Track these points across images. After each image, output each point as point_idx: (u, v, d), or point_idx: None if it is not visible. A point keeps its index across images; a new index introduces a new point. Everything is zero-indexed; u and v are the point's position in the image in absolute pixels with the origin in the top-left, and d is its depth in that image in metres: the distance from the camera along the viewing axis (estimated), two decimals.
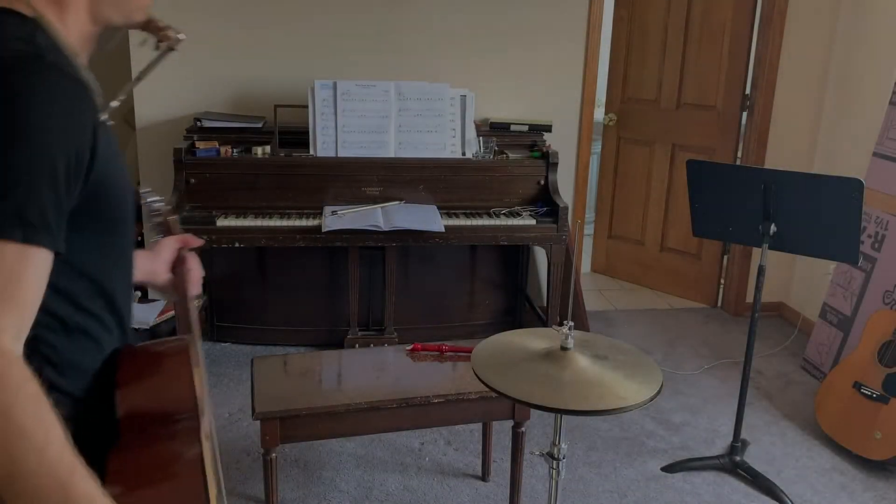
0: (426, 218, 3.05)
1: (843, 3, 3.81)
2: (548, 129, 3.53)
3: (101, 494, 0.86)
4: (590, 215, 5.07)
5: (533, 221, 3.18)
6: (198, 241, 1.37)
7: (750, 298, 4.17)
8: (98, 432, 0.98)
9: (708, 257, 4.30)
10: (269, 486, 2.14)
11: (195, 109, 3.45)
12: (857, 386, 2.80)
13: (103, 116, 1.00)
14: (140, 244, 3.49)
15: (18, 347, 0.85)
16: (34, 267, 0.87)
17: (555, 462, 1.67)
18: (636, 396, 1.43)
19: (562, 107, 3.79)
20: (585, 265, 4.88)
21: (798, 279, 4.14)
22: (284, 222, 3.04)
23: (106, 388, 1.02)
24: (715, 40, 4.06)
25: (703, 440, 2.92)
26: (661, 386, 1.49)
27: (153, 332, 3.07)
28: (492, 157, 3.33)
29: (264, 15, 3.45)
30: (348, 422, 1.97)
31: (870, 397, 2.75)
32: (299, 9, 3.45)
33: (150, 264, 1.31)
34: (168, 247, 1.34)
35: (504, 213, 3.21)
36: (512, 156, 3.38)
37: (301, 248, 3.23)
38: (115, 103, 1.12)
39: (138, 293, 3.29)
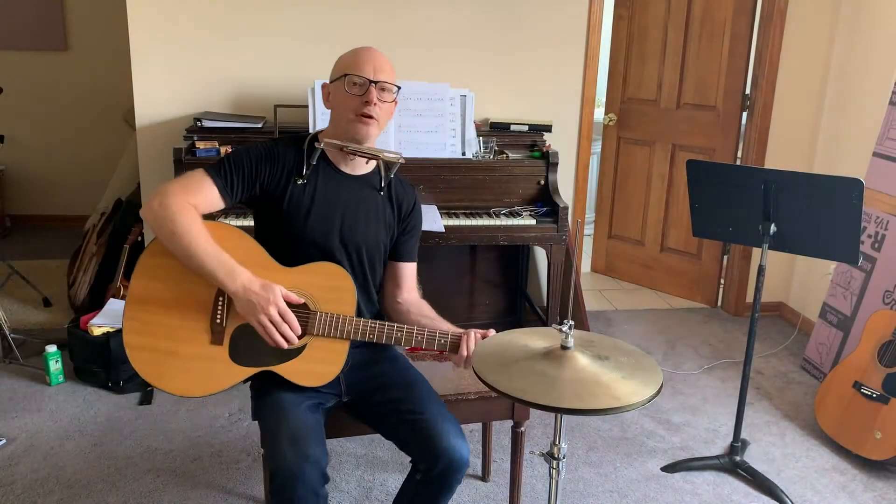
0: (426, 218, 3.04)
1: (843, 3, 3.81)
2: (548, 129, 3.53)
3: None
4: (590, 215, 5.07)
5: (533, 221, 3.18)
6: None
7: (750, 298, 4.17)
8: None
9: (708, 257, 4.30)
10: (269, 487, 2.14)
11: (195, 109, 3.45)
12: (857, 386, 2.80)
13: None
14: (140, 245, 3.50)
15: (185, 202, 1.75)
16: (206, 186, 1.80)
17: (555, 462, 1.67)
18: (636, 396, 1.43)
19: (562, 107, 3.79)
20: (585, 265, 4.88)
21: (798, 279, 4.14)
22: None
23: None
24: (715, 40, 4.06)
25: (703, 440, 2.92)
26: (661, 386, 1.49)
27: None
28: (492, 157, 3.33)
29: (264, 14, 3.45)
30: (348, 422, 1.97)
31: (870, 397, 2.75)
32: (299, 8, 3.45)
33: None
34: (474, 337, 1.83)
35: (504, 213, 3.21)
36: (512, 156, 3.38)
37: None
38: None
39: None
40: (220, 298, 1.79)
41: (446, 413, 1.88)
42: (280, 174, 1.86)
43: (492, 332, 1.83)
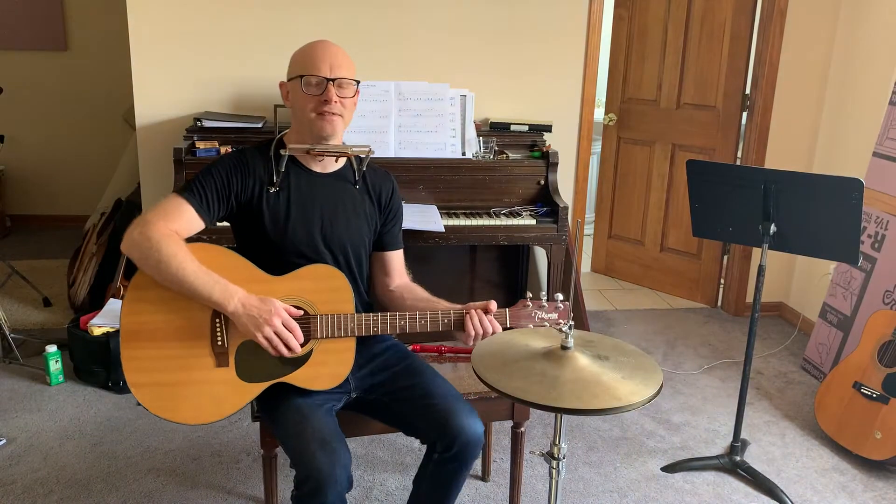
0: (426, 218, 3.05)
1: (843, 3, 3.81)
2: (548, 129, 3.53)
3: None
4: (590, 215, 5.07)
5: (533, 221, 3.18)
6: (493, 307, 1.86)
7: (750, 298, 4.17)
8: None
9: (708, 257, 4.30)
10: (269, 486, 2.14)
11: (195, 109, 3.45)
12: (857, 386, 2.80)
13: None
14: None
15: (167, 229, 1.71)
16: (183, 209, 1.77)
17: (555, 462, 1.67)
18: (636, 396, 1.43)
19: (562, 107, 3.79)
20: (585, 265, 4.88)
21: (798, 279, 4.14)
22: None
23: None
24: (715, 40, 4.06)
25: (703, 440, 2.92)
26: (661, 386, 1.49)
27: None
28: (492, 157, 3.33)
29: (264, 14, 3.45)
30: (348, 422, 1.97)
31: (870, 397, 2.75)
32: (299, 8, 3.45)
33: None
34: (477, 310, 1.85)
35: (504, 213, 3.21)
36: (512, 156, 3.38)
37: None
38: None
39: None
40: (217, 320, 1.75)
41: (456, 393, 1.89)
42: (252, 185, 1.85)
43: (493, 304, 1.83)
